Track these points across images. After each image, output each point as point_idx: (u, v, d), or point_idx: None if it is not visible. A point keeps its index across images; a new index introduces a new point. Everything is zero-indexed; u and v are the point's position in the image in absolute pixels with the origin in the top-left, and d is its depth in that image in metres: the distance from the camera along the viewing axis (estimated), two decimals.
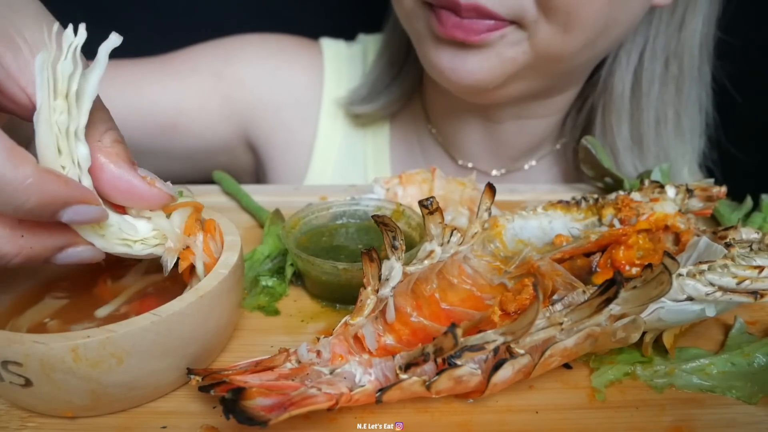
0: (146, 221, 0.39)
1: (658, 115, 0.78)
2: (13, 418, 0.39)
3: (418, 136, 0.90)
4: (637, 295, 0.36)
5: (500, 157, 0.86)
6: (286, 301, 0.52)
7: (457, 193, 0.63)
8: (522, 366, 0.37)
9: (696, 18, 0.75)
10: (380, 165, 0.89)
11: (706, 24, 0.76)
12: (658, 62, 0.76)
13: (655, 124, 0.78)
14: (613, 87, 0.77)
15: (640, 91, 0.77)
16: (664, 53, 0.76)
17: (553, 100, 0.79)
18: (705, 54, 0.78)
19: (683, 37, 0.75)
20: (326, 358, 0.39)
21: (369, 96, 0.85)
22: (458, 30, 0.62)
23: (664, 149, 0.79)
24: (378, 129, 0.90)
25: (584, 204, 0.55)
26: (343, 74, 0.89)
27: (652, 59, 0.76)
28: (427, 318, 0.43)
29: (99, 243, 0.38)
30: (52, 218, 0.34)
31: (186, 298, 0.38)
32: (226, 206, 0.70)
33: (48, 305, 0.45)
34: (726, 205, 0.65)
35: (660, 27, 0.75)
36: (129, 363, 0.35)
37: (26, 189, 0.31)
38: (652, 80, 0.76)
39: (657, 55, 0.75)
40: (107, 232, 0.38)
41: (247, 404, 0.34)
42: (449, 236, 0.46)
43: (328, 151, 0.88)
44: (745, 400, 0.40)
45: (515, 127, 0.81)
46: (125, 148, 0.39)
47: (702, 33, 0.76)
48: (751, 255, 0.43)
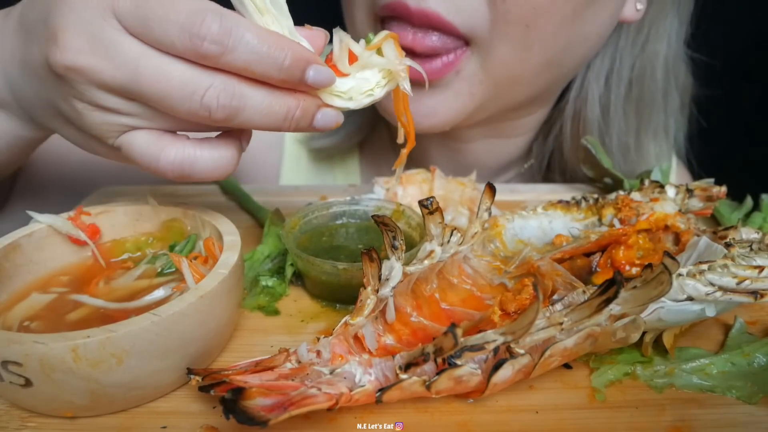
0: (369, 70, 0.44)
1: (621, 142, 0.77)
2: (13, 418, 0.39)
3: (386, 159, 0.87)
4: (637, 295, 0.36)
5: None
6: (286, 301, 0.52)
7: (457, 193, 0.63)
8: (522, 366, 0.37)
9: (660, 40, 0.73)
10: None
11: (672, 47, 0.74)
12: (623, 85, 0.74)
13: (622, 150, 0.77)
14: (584, 114, 0.75)
15: (608, 116, 0.75)
16: (629, 76, 0.74)
17: (521, 121, 0.77)
18: (672, 79, 0.76)
19: (645, 58, 0.74)
20: (326, 358, 0.39)
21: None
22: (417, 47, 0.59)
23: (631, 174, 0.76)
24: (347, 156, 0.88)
25: (584, 204, 0.55)
26: None
27: (618, 82, 0.74)
28: (427, 318, 0.43)
29: (352, 104, 0.44)
30: (301, 78, 0.39)
31: (186, 298, 0.38)
32: (226, 206, 0.70)
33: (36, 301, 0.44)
34: (726, 205, 0.66)
35: (626, 47, 0.73)
36: (129, 363, 0.35)
37: (282, 48, 0.37)
38: (617, 104, 0.75)
39: (622, 78, 0.74)
40: (352, 93, 0.43)
41: (247, 404, 0.34)
42: (449, 236, 0.46)
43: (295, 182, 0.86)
44: (745, 400, 0.40)
45: (483, 147, 0.80)
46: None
47: (666, 56, 0.74)
48: (751, 255, 0.43)
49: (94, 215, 0.50)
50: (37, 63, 0.40)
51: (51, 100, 0.42)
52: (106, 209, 0.51)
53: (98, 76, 0.37)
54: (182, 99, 0.37)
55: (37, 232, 0.47)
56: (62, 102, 0.41)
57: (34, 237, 0.47)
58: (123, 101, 0.39)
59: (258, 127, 0.40)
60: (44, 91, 0.42)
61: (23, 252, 0.46)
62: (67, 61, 0.37)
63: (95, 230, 0.50)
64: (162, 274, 0.48)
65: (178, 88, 0.37)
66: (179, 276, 0.47)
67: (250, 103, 0.39)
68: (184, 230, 0.51)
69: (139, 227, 0.52)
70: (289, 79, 0.39)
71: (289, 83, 0.39)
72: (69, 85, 0.38)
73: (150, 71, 0.37)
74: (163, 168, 0.40)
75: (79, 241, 0.48)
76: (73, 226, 0.48)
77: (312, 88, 0.41)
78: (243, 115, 0.39)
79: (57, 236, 0.48)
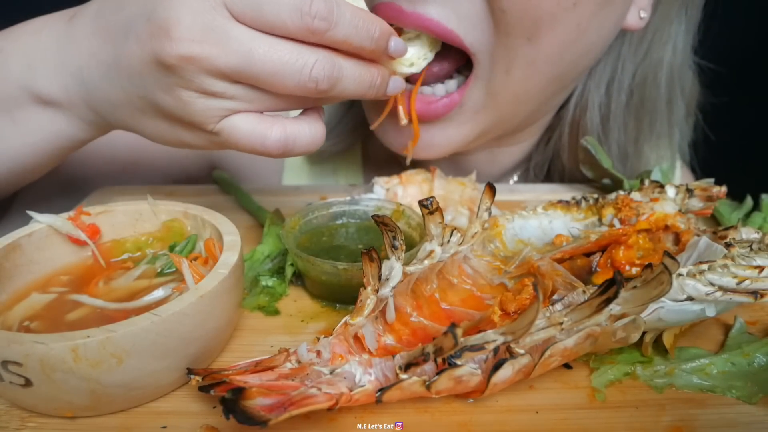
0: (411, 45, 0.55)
1: (620, 149, 0.77)
2: (13, 418, 0.39)
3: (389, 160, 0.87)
4: (637, 295, 0.36)
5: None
6: (286, 301, 0.52)
7: (457, 193, 0.63)
8: (522, 366, 0.37)
9: (664, 47, 0.72)
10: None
11: (677, 54, 0.73)
12: (623, 94, 0.73)
13: (621, 157, 0.77)
14: (584, 122, 0.74)
15: (608, 125, 0.74)
16: (630, 84, 0.73)
17: (525, 130, 0.77)
18: (677, 87, 0.75)
19: (648, 65, 0.72)
20: (326, 358, 0.39)
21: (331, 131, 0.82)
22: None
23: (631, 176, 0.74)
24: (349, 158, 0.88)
25: (584, 204, 0.55)
26: None
27: (619, 91, 0.73)
28: (427, 318, 0.43)
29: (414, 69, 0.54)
30: (385, 49, 0.46)
31: (186, 298, 0.38)
32: (226, 206, 0.70)
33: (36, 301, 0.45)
34: (726, 204, 0.65)
35: (629, 55, 0.72)
36: (129, 363, 0.35)
37: (373, 22, 0.44)
38: (617, 113, 0.74)
39: (623, 87, 0.73)
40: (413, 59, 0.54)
41: (247, 404, 0.34)
42: (449, 236, 0.46)
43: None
44: (745, 400, 0.40)
45: (485, 157, 0.79)
46: None
47: (671, 63, 0.73)
48: (751, 255, 0.43)
49: (94, 215, 0.50)
50: (134, 59, 0.43)
51: (148, 94, 0.44)
52: (106, 209, 0.51)
53: (212, 63, 0.41)
54: (293, 74, 0.42)
55: (37, 232, 0.47)
56: (164, 94, 0.43)
57: (34, 237, 0.47)
58: (230, 85, 0.42)
59: (351, 95, 0.46)
60: (141, 85, 0.44)
61: (23, 252, 0.46)
62: (182, 51, 0.40)
63: (95, 230, 0.50)
64: (162, 275, 0.48)
65: (290, 64, 0.41)
66: (179, 276, 0.47)
67: (346, 74, 0.44)
68: (184, 230, 0.51)
69: (139, 227, 0.52)
70: (377, 49, 0.45)
71: (377, 53, 0.45)
72: (178, 76, 0.41)
73: (262, 51, 0.41)
74: (271, 146, 0.45)
75: (79, 241, 0.48)
76: (73, 226, 0.48)
77: (391, 57, 0.47)
78: (341, 84, 0.44)
79: (57, 236, 0.48)
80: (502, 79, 0.60)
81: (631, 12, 0.66)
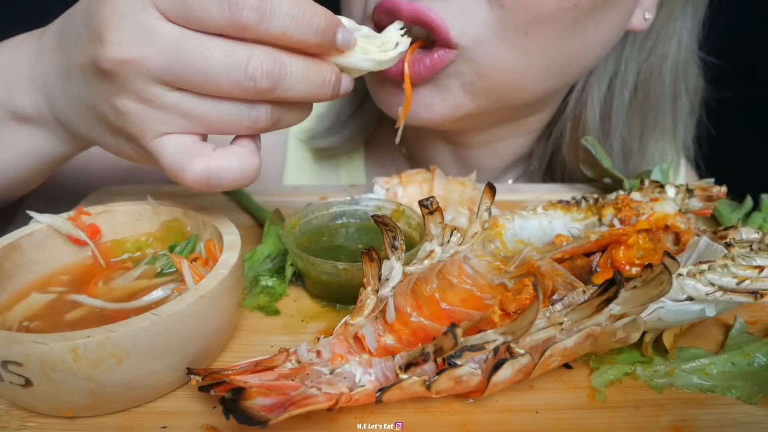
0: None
1: (622, 145, 0.76)
2: (13, 418, 0.39)
3: (392, 159, 0.88)
4: (637, 295, 0.36)
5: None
6: (286, 301, 0.52)
7: (457, 193, 0.63)
8: (522, 366, 0.37)
9: (669, 43, 0.71)
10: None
11: (682, 49, 0.73)
12: (627, 90, 0.73)
13: (623, 154, 0.77)
14: (584, 117, 0.74)
15: (609, 121, 0.74)
16: (634, 81, 0.73)
17: (523, 121, 0.76)
18: (681, 82, 0.75)
19: (652, 63, 0.72)
20: (326, 358, 0.39)
21: (332, 128, 0.82)
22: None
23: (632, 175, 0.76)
24: (352, 156, 0.88)
25: (584, 204, 0.55)
26: None
27: (621, 87, 0.73)
28: (427, 318, 0.43)
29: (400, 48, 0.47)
30: (333, 42, 0.41)
31: (186, 298, 0.38)
32: (226, 206, 0.70)
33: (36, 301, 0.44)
34: (726, 204, 0.65)
35: (632, 53, 0.72)
36: (129, 363, 0.35)
37: (316, 13, 0.39)
38: (619, 109, 0.74)
39: (627, 83, 0.73)
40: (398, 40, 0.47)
41: (247, 404, 0.34)
42: (449, 236, 0.46)
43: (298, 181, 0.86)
44: (745, 399, 0.40)
45: (486, 151, 0.79)
46: None
47: (676, 59, 0.73)
48: (751, 255, 0.43)
49: (94, 215, 0.50)
50: (81, 67, 0.42)
51: (93, 104, 0.43)
52: (106, 209, 0.51)
53: (144, 65, 0.38)
54: (227, 71, 0.38)
55: (37, 232, 0.47)
56: (104, 104, 0.42)
57: (34, 237, 0.47)
58: (165, 91, 0.40)
59: (301, 95, 0.41)
60: (87, 95, 0.43)
61: (23, 252, 0.46)
62: (114, 55, 0.38)
63: (95, 230, 0.50)
64: (161, 275, 0.48)
65: (221, 60, 0.38)
66: (178, 277, 0.47)
67: (291, 70, 0.40)
68: (184, 231, 0.51)
69: (139, 227, 0.52)
70: (324, 42, 0.40)
71: (324, 47, 0.41)
72: (114, 82, 0.40)
73: (191, 48, 0.38)
74: (189, 180, 0.40)
75: (79, 241, 0.48)
76: (73, 226, 0.48)
77: (340, 51, 0.43)
78: (287, 82, 0.40)
79: (57, 236, 0.48)
80: (494, 65, 0.60)
81: (636, 14, 0.66)
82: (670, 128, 0.77)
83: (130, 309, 0.43)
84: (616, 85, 0.73)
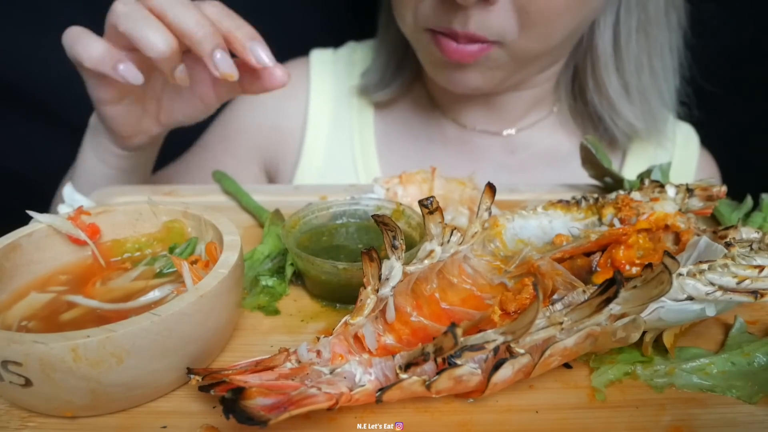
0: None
1: (636, 63, 0.85)
2: (13, 418, 0.39)
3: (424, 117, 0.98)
4: (637, 295, 0.36)
5: (501, 120, 0.94)
6: (286, 300, 0.52)
7: (457, 192, 0.63)
8: (522, 366, 0.37)
9: None
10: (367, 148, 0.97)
11: None
12: (632, 16, 0.83)
13: (636, 71, 0.85)
14: (596, 46, 0.84)
15: (620, 44, 0.84)
16: (637, 6, 0.82)
17: (544, 72, 0.88)
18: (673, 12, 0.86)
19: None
20: (326, 358, 0.39)
21: (381, 83, 0.94)
22: (455, 54, 0.73)
23: (643, 92, 0.86)
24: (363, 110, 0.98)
25: (584, 203, 0.55)
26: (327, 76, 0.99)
27: (627, 14, 0.82)
28: (427, 318, 0.43)
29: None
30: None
31: (186, 297, 0.38)
32: (226, 206, 0.70)
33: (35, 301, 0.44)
34: (726, 204, 0.65)
35: None
36: (129, 363, 0.35)
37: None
38: (629, 32, 0.83)
39: (631, 9, 0.82)
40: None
41: (247, 404, 0.34)
42: (449, 236, 0.46)
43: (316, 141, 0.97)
44: (745, 399, 0.40)
45: (512, 97, 0.91)
46: None
47: None
48: (751, 254, 0.43)
49: (94, 215, 0.50)
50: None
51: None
52: (106, 209, 0.51)
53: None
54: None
55: (37, 232, 0.47)
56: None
57: (34, 237, 0.47)
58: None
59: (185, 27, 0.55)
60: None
61: (23, 252, 0.46)
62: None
63: (95, 230, 0.50)
64: (160, 276, 0.48)
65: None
66: (177, 278, 0.47)
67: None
68: (184, 231, 0.51)
69: (139, 227, 0.52)
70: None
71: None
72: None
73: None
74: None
75: (79, 240, 0.48)
76: (73, 226, 0.48)
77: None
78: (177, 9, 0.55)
79: (57, 236, 0.48)
80: (523, 49, 0.74)
81: None
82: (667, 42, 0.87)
83: (127, 309, 0.43)
84: (622, 12, 0.83)
